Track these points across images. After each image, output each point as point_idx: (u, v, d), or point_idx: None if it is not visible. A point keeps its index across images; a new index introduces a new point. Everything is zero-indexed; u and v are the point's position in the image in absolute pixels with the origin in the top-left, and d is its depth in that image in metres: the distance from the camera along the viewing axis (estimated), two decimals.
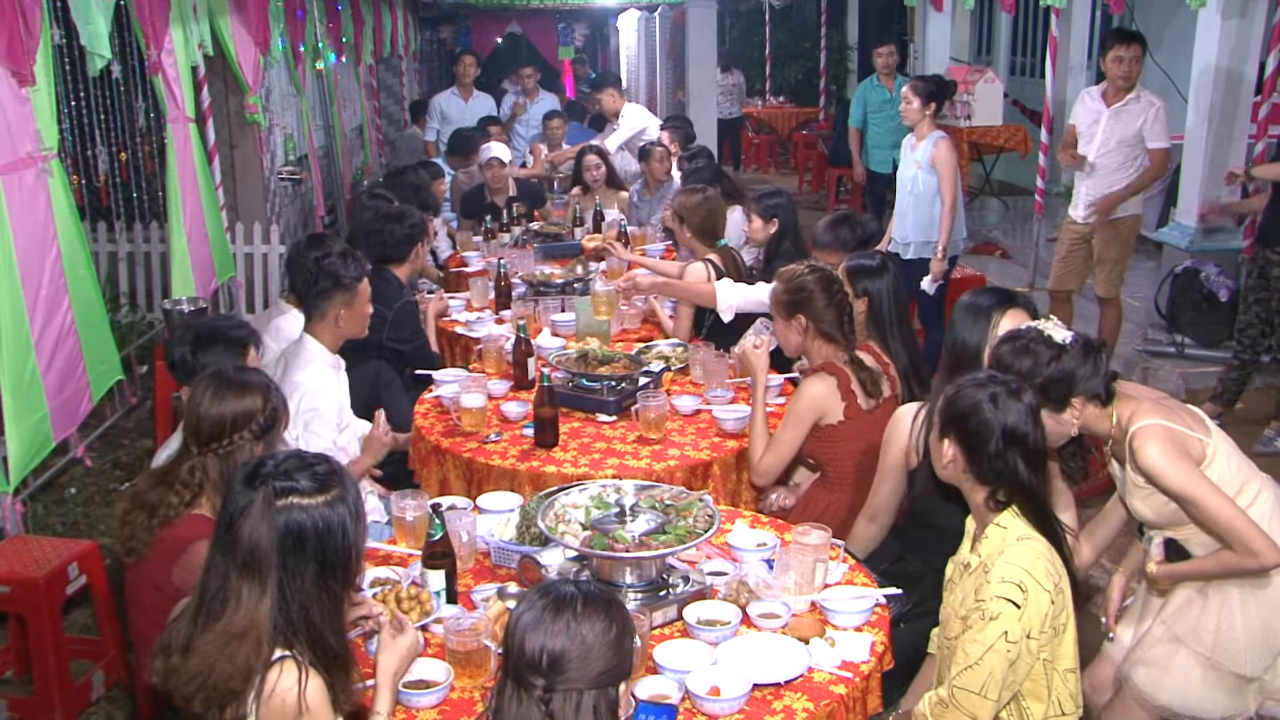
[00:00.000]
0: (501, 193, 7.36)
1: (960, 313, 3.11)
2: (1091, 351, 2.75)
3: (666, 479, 3.41)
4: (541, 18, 19.64)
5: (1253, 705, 2.89)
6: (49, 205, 4.36)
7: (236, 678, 1.99)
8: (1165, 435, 2.70)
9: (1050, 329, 2.78)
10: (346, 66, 11.12)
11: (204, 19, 6.27)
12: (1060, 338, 2.75)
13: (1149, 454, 2.69)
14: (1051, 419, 2.74)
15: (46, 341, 4.27)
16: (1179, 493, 2.70)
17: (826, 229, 4.49)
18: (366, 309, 3.78)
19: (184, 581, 2.47)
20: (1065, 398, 2.75)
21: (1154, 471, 2.70)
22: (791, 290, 3.58)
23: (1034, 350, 2.75)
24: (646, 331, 5.01)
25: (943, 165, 6.10)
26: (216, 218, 6.66)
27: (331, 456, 2.22)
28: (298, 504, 2.05)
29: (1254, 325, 5.68)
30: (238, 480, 2.10)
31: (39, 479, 5.21)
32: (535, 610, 1.91)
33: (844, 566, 2.89)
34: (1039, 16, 12.10)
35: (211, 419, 2.65)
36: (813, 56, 16.18)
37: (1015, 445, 2.45)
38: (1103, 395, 2.77)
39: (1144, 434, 2.71)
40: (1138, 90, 6.01)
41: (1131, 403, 2.79)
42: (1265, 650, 2.83)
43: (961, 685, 2.39)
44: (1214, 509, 2.65)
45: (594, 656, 1.88)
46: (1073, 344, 2.75)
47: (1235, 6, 6.83)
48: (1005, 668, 2.37)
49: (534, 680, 1.87)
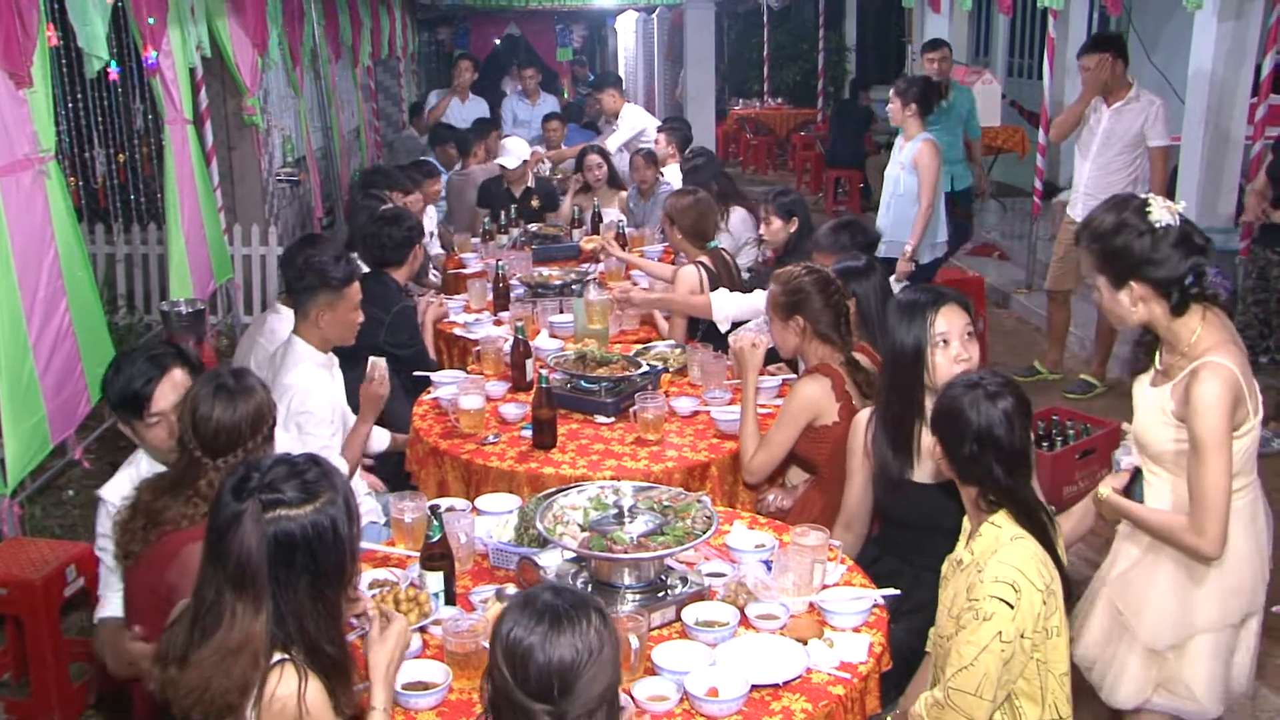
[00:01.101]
0: (519, 183, 7.49)
1: (894, 315, 3.09)
2: (1184, 247, 2.59)
3: (665, 480, 3.41)
4: (540, 19, 19.64)
5: (1148, 689, 2.83)
6: (46, 207, 4.36)
7: (233, 691, 1.98)
8: (1231, 381, 2.57)
9: (1156, 204, 2.63)
10: (344, 68, 11.12)
11: (202, 21, 6.27)
12: (1158, 219, 2.60)
13: (1209, 388, 2.55)
14: (1109, 293, 2.68)
15: (44, 343, 4.27)
16: (1202, 439, 2.56)
17: (829, 233, 4.49)
18: (352, 315, 3.70)
19: (178, 580, 2.45)
20: (1124, 277, 2.64)
21: (1201, 407, 2.56)
22: (789, 291, 3.59)
23: (1124, 216, 2.64)
24: (645, 333, 5.01)
25: (923, 168, 6.12)
26: (214, 219, 6.66)
27: (321, 457, 2.19)
28: (286, 515, 2.01)
29: (1253, 326, 5.69)
30: (225, 490, 2.06)
31: (36, 481, 5.20)
32: (536, 634, 1.84)
33: (842, 568, 2.89)
34: (1036, 18, 12.11)
35: (229, 428, 2.59)
36: (810, 58, 16.19)
37: (989, 447, 2.45)
38: (1172, 298, 2.62)
39: (1216, 369, 2.57)
40: (1137, 89, 6.03)
41: (1220, 334, 2.64)
42: (1174, 628, 2.77)
43: (957, 686, 2.39)
44: (1213, 474, 2.57)
45: (602, 668, 1.84)
46: (1166, 230, 2.60)
47: (1231, 9, 6.84)
48: (1000, 668, 2.37)
49: (539, 707, 1.82)
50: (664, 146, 7.57)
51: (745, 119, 15.99)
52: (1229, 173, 7.19)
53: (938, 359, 3.00)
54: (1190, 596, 2.77)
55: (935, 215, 6.21)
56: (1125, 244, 2.63)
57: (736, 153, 16.21)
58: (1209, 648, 2.79)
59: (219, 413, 2.59)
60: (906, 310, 3.06)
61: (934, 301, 3.04)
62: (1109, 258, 2.67)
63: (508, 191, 7.43)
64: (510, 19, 19.32)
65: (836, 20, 16.49)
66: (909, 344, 3.01)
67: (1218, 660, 2.81)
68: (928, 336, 2.99)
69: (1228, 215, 7.26)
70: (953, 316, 3.03)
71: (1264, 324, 5.65)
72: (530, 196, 7.49)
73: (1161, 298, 2.64)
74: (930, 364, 3.00)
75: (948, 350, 3.00)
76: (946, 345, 3.00)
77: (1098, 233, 2.69)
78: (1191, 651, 2.80)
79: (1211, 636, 2.79)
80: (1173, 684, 2.83)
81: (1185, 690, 2.81)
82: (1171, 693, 2.83)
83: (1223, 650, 2.81)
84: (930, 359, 2.99)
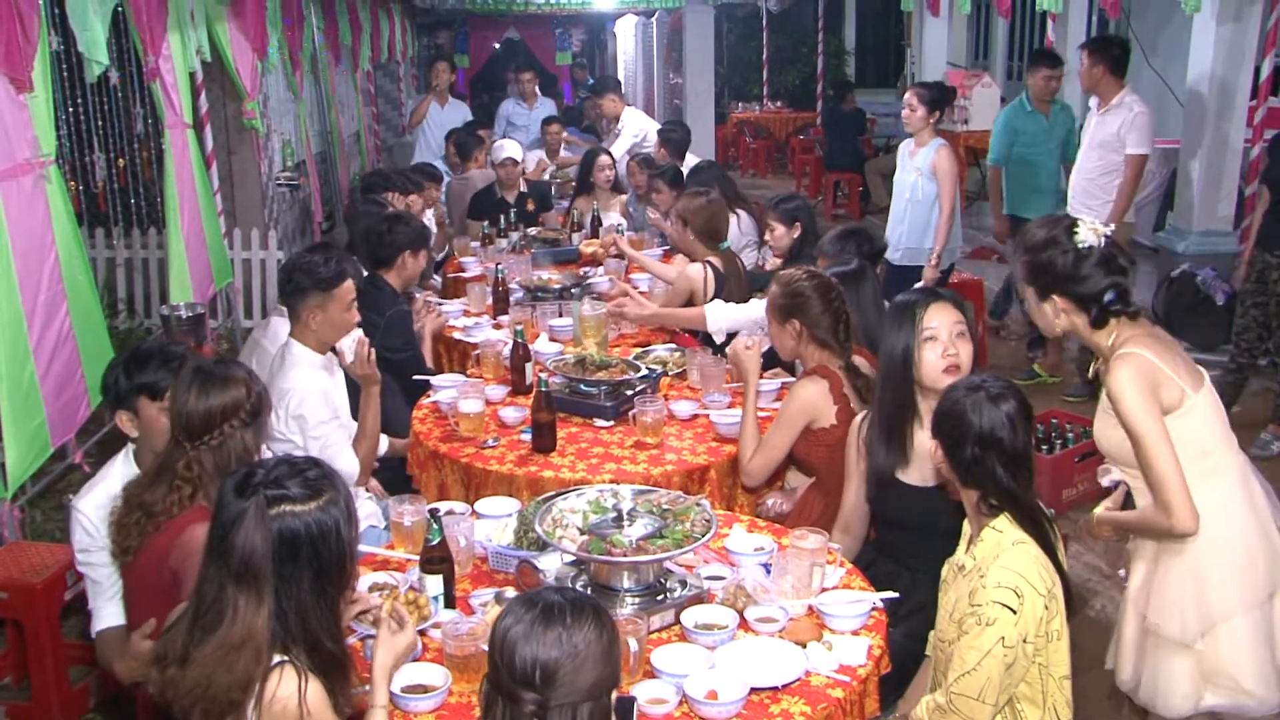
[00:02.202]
0: (512, 189, 7.49)
1: (887, 319, 3.13)
2: (1105, 267, 2.74)
3: (664, 483, 3.41)
4: (539, 23, 19.68)
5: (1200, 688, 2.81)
6: (47, 211, 4.37)
7: (236, 688, 1.99)
8: (1141, 367, 2.70)
9: (1086, 226, 2.77)
10: (344, 72, 11.14)
11: (201, 25, 6.28)
12: (1084, 239, 2.74)
13: (1117, 376, 2.71)
14: (1035, 304, 2.84)
15: (44, 347, 4.27)
16: (1127, 424, 2.70)
17: (834, 240, 4.48)
18: (345, 316, 3.68)
19: (180, 565, 2.46)
20: (1049, 290, 2.80)
21: (1114, 394, 2.71)
22: (788, 295, 3.59)
23: (1055, 235, 2.78)
24: (644, 336, 5.01)
25: (943, 174, 6.13)
26: (214, 224, 6.67)
27: (321, 459, 2.21)
28: (291, 511, 2.04)
29: (1251, 329, 5.69)
30: (228, 490, 2.08)
31: (37, 485, 5.20)
32: (524, 625, 1.88)
33: (841, 570, 2.89)
34: (1035, 21, 12.13)
35: (200, 414, 2.63)
36: (810, 61, 16.22)
37: (992, 449, 2.46)
38: (1090, 313, 2.77)
39: (1123, 358, 2.72)
40: (1125, 95, 6.08)
41: (1132, 330, 2.78)
42: (1198, 618, 2.78)
43: (959, 691, 2.39)
44: (1152, 452, 2.65)
45: (588, 666, 1.86)
46: (1090, 250, 2.74)
47: (1230, 11, 6.85)
48: (1002, 672, 2.37)
49: (526, 696, 1.85)
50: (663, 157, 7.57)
51: (745, 122, 16.01)
52: (1228, 175, 7.20)
53: (925, 355, 3.01)
54: (1204, 583, 2.77)
55: (953, 220, 6.24)
56: (1050, 259, 2.78)
57: (736, 156, 16.23)
58: (1243, 634, 2.78)
59: (192, 400, 2.64)
60: (897, 310, 3.09)
61: (925, 298, 3.07)
62: (1036, 271, 2.82)
63: (501, 200, 7.43)
64: (509, 23, 19.37)
65: (836, 24, 16.52)
66: (898, 347, 3.04)
67: (1258, 644, 2.79)
68: (916, 333, 3.01)
69: (1227, 218, 7.28)
70: (943, 313, 3.04)
71: (1263, 326, 5.66)
72: (525, 201, 7.49)
73: (1082, 311, 2.79)
74: (917, 359, 3.01)
75: (936, 346, 3.01)
76: (934, 341, 3.01)
77: (1027, 246, 2.84)
78: (1225, 640, 2.78)
79: (1241, 620, 2.78)
80: (1218, 678, 2.81)
81: (1232, 683, 2.79)
82: (1221, 687, 2.81)
83: (1260, 633, 2.80)
84: (917, 354, 3.01)
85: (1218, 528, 2.72)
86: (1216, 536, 2.73)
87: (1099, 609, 4.19)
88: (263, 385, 2.78)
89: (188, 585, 2.21)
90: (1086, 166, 6.24)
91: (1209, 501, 2.69)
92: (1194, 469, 2.69)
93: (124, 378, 3.00)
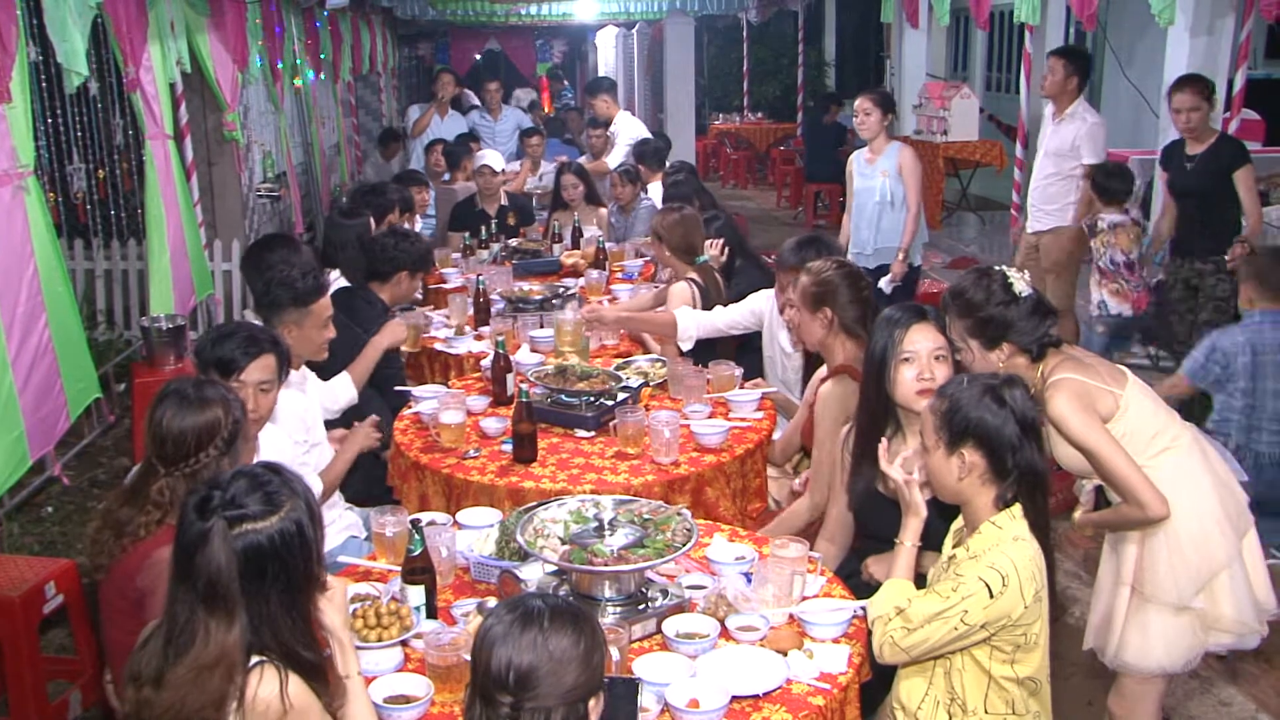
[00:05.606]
0: (492, 200, 7.46)
1: (879, 323, 3.17)
2: (1040, 312, 2.99)
3: (644, 494, 3.42)
4: (520, 34, 19.73)
5: (1203, 637, 3.05)
6: (26, 222, 4.35)
7: (209, 707, 1.98)
8: (1074, 390, 2.91)
9: (1015, 277, 3.00)
10: (325, 83, 11.12)
11: (182, 36, 6.27)
12: (1019, 289, 2.98)
13: (1055, 405, 2.90)
14: (980, 354, 3.03)
15: (23, 359, 4.25)
16: (1079, 443, 2.90)
17: (793, 250, 4.47)
18: (320, 333, 3.65)
19: (148, 584, 2.45)
20: (998, 340, 3.01)
21: (1058, 421, 2.91)
22: (819, 283, 3.65)
23: (991, 289, 3.00)
24: (626, 347, 5.03)
25: (909, 172, 6.38)
26: (195, 235, 6.65)
27: (279, 464, 2.19)
28: (253, 529, 2.02)
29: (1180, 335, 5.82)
30: (189, 510, 2.06)
31: (15, 498, 5.18)
32: (503, 625, 1.90)
33: (822, 579, 2.90)
34: (1014, 33, 12.22)
35: (175, 437, 2.62)
36: (790, 73, 16.29)
37: (1029, 432, 2.51)
38: (1033, 352, 3.00)
39: (1055, 387, 2.92)
40: (1079, 105, 6.31)
41: (1056, 358, 3.00)
42: (1190, 577, 2.98)
43: (910, 617, 2.46)
44: (1108, 461, 2.86)
45: (563, 672, 1.87)
46: (1026, 299, 2.98)
47: (1204, 23, 6.93)
48: (947, 642, 2.44)
49: (501, 698, 1.87)
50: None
51: (725, 134, 16.08)
52: None
53: (902, 374, 3.03)
54: (1188, 549, 2.99)
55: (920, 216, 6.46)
56: (995, 314, 3.00)
57: (717, 167, 16.30)
58: (1233, 580, 3.02)
59: (169, 420, 2.62)
60: (888, 322, 3.12)
61: (910, 317, 3.09)
62: (982, 325, 3.02)
63: (481, 212, 7.43)
64: (490, 34, 19.40)
65: (816, 36, 16.59)
66: (876, 355, 3.07)
67: (1241, 586, 3.04)
68: (894, 350, 3.04)
69: None
70: (924, 335, 3.05)
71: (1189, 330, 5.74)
72: (506, 214, 7.48)
73: (1024, 353, 3.02)
74: (891, 376, 3.03)
75: (911, 367, 3.03)
76: (910, 363, 3.03)
77: (969, 305, 3.04)
78: (1221, 590, 3.02)
79: (1225, 573, 3.01)
80: (1221, 623, 3.04)
81: (1236, 625, 3.04)
82: (1225, 631, 3.06)
83: (1239, 577, 3.03)
84: (893, 371, 3.03)
85: (1185, 497, 2.95)
86: (1186, 505, 2.95)
87: (1078, 616, 4.21)
88: (241, 410, 2.74)
89: (156, 604, 2.20)
90: (1043, 174, 6.48)
91: (1170, 476, 2.93)
92: (1149, 452, 2.96)
93: (209, 347, 3.11)
